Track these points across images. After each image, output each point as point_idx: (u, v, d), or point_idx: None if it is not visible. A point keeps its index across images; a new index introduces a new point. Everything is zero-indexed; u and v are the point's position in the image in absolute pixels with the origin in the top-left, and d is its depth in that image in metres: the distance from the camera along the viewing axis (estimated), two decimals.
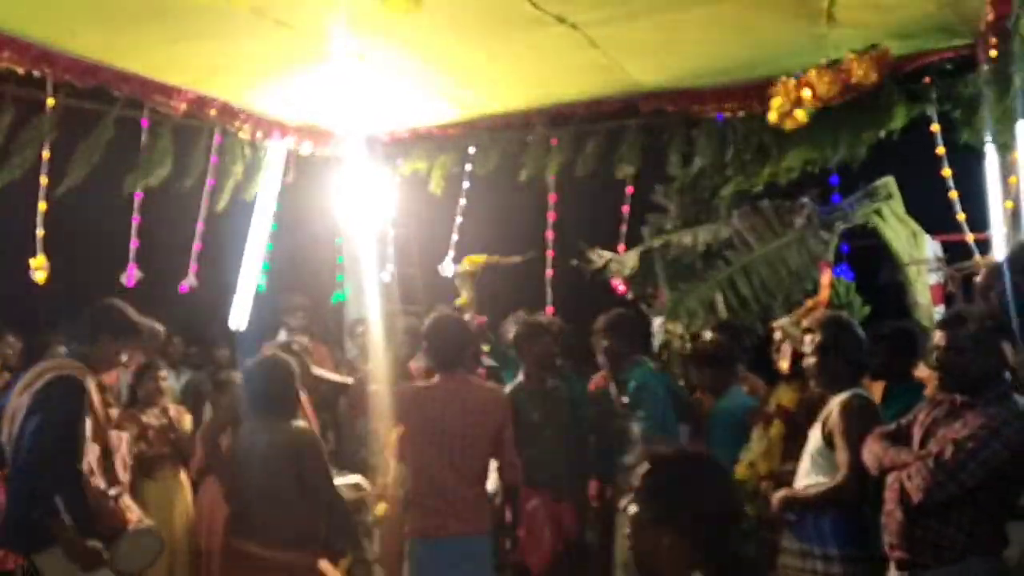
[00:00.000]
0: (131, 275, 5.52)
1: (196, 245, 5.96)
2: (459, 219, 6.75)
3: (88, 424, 3.60)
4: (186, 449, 5.17)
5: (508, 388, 4.87)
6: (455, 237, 6.75)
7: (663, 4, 4.21)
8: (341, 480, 4.32)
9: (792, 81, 4.93)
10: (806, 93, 4.87)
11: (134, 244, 5.56)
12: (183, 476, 5.21)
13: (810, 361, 3.67)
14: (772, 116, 5.12)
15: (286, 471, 3.83)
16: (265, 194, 6.41)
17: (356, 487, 4.31)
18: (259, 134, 6.03)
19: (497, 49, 4.81)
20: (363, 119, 6.15)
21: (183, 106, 5.43)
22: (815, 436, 3.61)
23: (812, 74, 4.85)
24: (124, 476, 4.83)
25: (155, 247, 5.72)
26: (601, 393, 5.17)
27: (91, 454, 3.63)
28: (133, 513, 3.78)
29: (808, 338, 3.70)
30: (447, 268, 6.69)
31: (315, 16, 4.23)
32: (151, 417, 5.17)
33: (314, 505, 3.86)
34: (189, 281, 5.93)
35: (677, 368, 5.50)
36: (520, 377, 4.92)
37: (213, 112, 5.65)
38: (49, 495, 3.43)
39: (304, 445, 3.91)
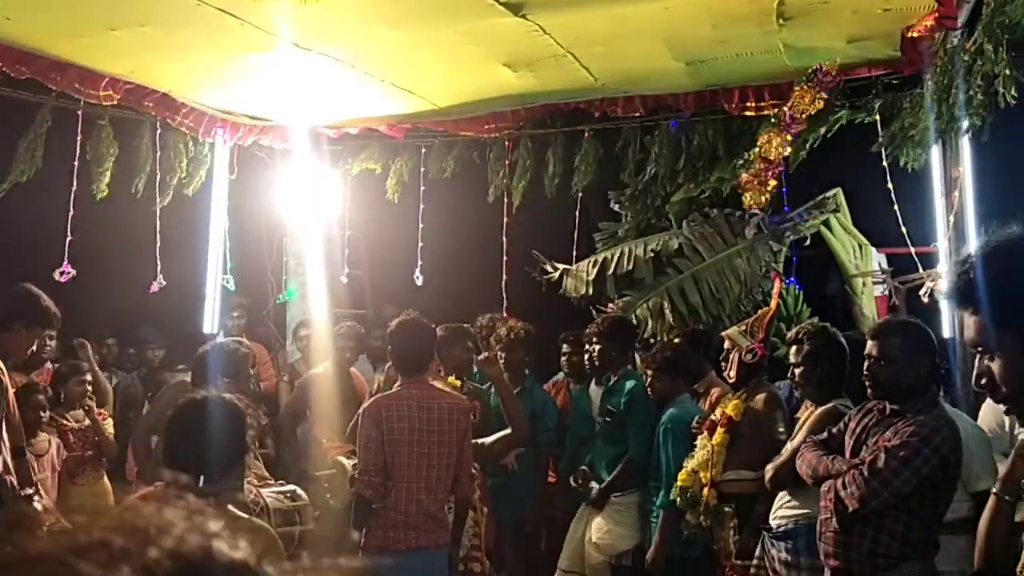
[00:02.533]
0: (65, 272, 5.32)
1: (158, 245, 5.80)
2: (421, 225, 6.65)
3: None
4: (110, 453, 4.99)
5: None
6: (420, 244, 6.65)
7: None
8: (276, 490, 4.16)
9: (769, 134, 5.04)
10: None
11: (69, 239, 5.36)
12: (106, 480, 5.02)
13: (796, 371, 3.69)
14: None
15: None
16: (216, 190, 6.25)
17: (290, 496, 4.16)
18: (201, 128, 5.85)
19: (445, 39, 4.73)
20: (308, 113, 6.02)
21: (118, 96, 5.24)
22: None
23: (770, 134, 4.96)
24: (53, 480, 4.65)
25: (92, 243, 5.53)
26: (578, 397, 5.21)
27: (3, 452, 3.46)
28: (48, 514, 3.60)
29: (794, 348, 3.71)
30: (419, 279, 6.60)
31: (258, 4, 4.11)
32: (73, 420, 4.98)
33: None
34: (158, 281, 5.77)
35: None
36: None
37: (150, 104, 5.47)
38: None
39: None
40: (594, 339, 4.96)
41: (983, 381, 1.29)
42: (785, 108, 4.97)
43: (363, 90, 5.58)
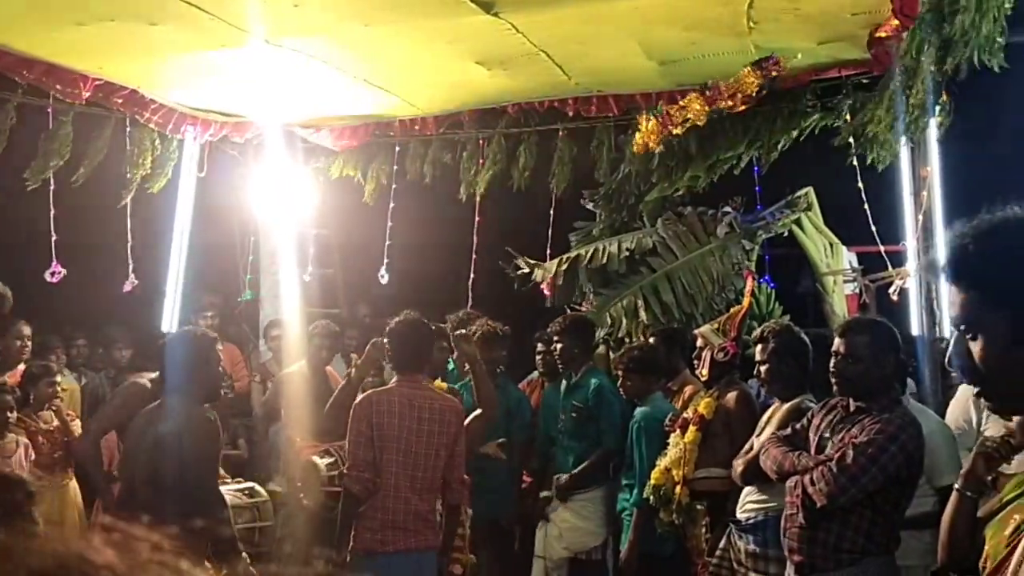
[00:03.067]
0: (56, 272, 5.27)
1: (128, 242, 5.73)
2: (390, 223, 6.62)
3: None
4: (80, 456, 4.91)
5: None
6: (388, 242, 6.61)
7: None
8: (234, 487, 4.12)
9: (656, 112, 5.05)
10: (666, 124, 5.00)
11: (54, 239, 5.29)
12: (75, 482, 4.95)
13: (762, 368, 3.73)
14: (635, 147, 5.28)
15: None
16: (184, 188, 6.18)
17: (248, 493, 4.12)
18: (170, 124, 5.78)
19: (417, 36, 4.71)
20: (279, 110, 5.96)
21: (87, 93, 5.17)
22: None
23: (687, 100, 4.96)
24: None
25: (58, 242, 5.44)
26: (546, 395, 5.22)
27: None
28: None
29: (760, 347, 3.74)
30: (384, 276, 6.56)
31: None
32: (42, 421, 4.90)
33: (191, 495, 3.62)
34: (131, 280, 5.70)
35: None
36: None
37: (119, 100, 5.40)
38: None
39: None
40: (555, 337, 5.00)
41: (957, 361, 1.26)
42: (722, 82, 4.97)
43: (336, 87, 5.54)
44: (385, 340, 4.11)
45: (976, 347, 1.23)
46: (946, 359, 1.31)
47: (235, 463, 5.42)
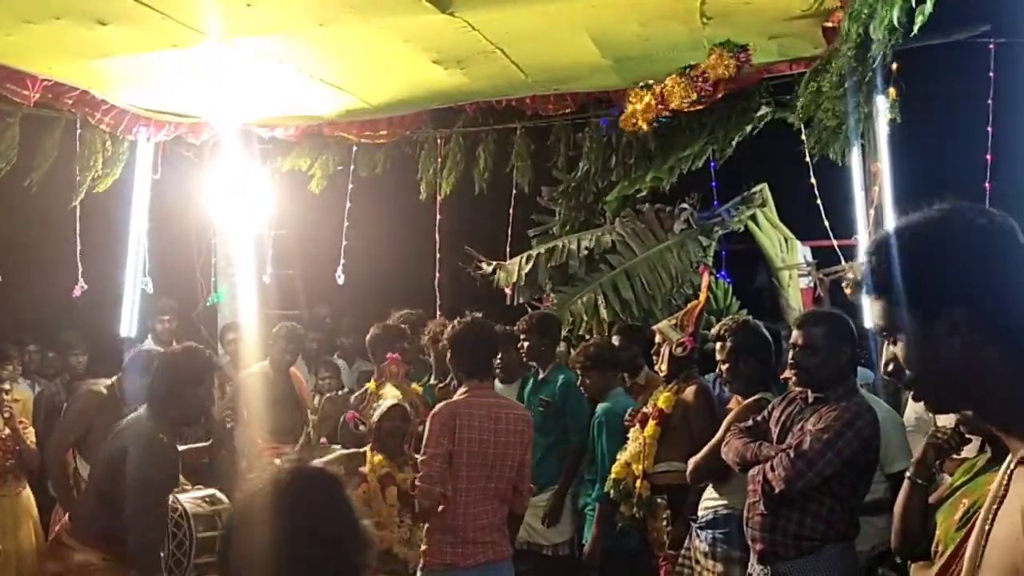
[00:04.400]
0: None
1: (77, 246, 5.61)
2: (346, 223, 6.57)
3: None
4: (30, 463, 4.80)
5: (359, 392, 4.79)
6: (344, 242, 6.56)
7: None
8: (194, 495, 4.03)
9: (643, 92, 5.05)
10: (652, 102, 5.00)
11: None
12: (28, 492, 4.84)
13: (722, 367, 3.75)
14: (624, 123, 5.21)
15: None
16: (137, 190, 6.07)
17: (209, 500, 4.03)
18: (122, 126, 5.67)
19: (372, 34, 4.69)
20: (235, 110, 5.89)
21: (36, 94, 5.05)
22: None
23: (668, 83, 4.97)
24: None
25: (6, 246, 5.32)
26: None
27: None
28: None
29: (719, 345, 3.77)
30: (340, 276, 6.50)
31: None
32: None
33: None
34: (80, 285, 5.58)
35: None
36: (372, 379, 4.86)
37: (70, 101, 5.29)
38: None
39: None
40: (522, 335, 5.00)
41: (890, 367, 1.32)
42: (701, 65, 4.98)
43: (292, 87, 5.49)
44: (446, 346, 3.89)
45: (899, 350, 1.30)
46: (881, 368, 1.37)
47: (196, 469, 5.34)
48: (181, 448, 3.92)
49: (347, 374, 6.42)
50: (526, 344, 5.00)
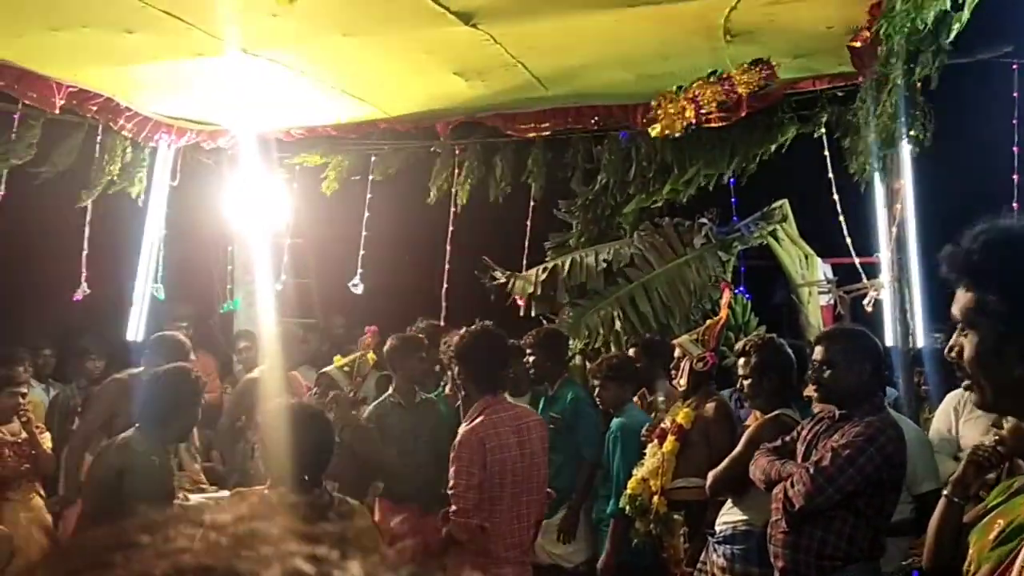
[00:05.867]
0: None
1: (84, 251, 5.61)
2: (364, 232, 6.57)
3: None
4: (45, 467, 4.80)
5: (375, 402, 4.76)
6: (362, 251, 6.56)
7: (564, 5, 4.20)
8: (209, 496, 4.04)
9: (676, 96, 5.00)
10: (689, 108, 4.94)
11: None
12: (39, 497, 4.83)
13: (744, 383, 3.74)
14: (655, 131, 5.18)
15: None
16: (154, 196, 6.09)
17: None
18: (144, 132, 5.70)
19: (395, 46, 4.70)
20: (256, 117, 5.91)
21: (61, 101, 5.08)
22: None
23: (696, 87, 4.93)
24: None
25: (26, 250, 5.34)
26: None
27: None
28: None
29: (742, 360, 3.75)
30: (357, 286, 6.49)
31: (204, 7, 4.02)
32: (8, 433, 4.78)
33: None
34: (82, 289, 5.58)
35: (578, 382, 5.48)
36: (389, 391, 4.82)
37: (94, 107, 5.32)
38: None
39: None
40: (528, 350, 4.97)
41: (954, 353, 1.37)
42: (728, 73, 4.93)
43: (313, 96, 5.51)
44: (453, 358, 3.76)
45: (968, 342, 1.35)
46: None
47: (210, 473, 5.34)
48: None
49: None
50: (531, 359, 4.96)
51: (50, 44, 4.60)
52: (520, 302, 6.04)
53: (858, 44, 4.26)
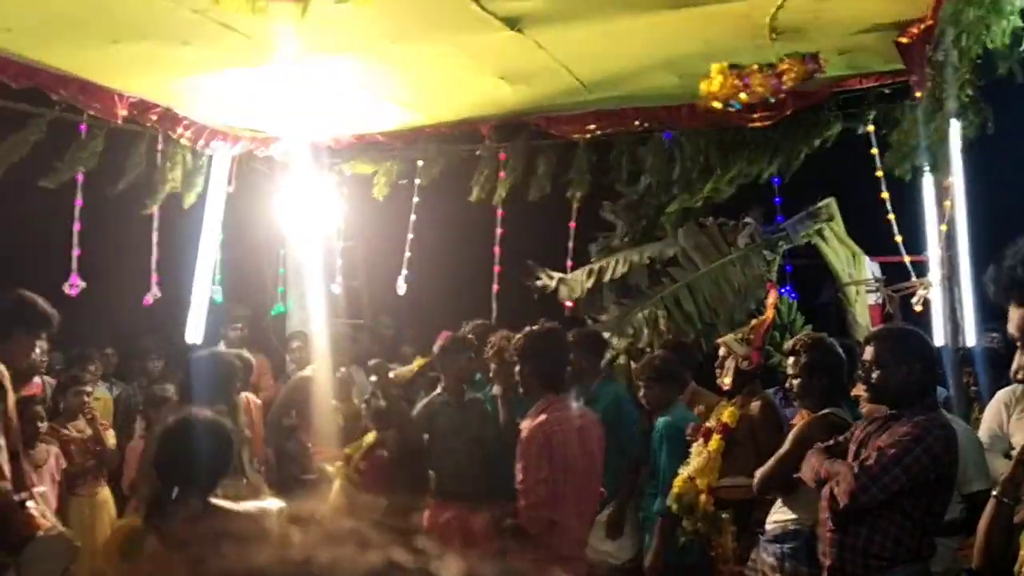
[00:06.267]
0: (74, 284, 5.34)
1: (154, 256, 5.84)
2: (410, 235, 6.69)
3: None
4: (110, 463, 5.00)
5: (424, 401, 4.85)
6: (408, 254, 6.68)
7: (609, 10, 4.25)
8: (259, 504, 4.19)
9: (730, 71, 4.94)
10: (730, 79, 4.90)
11: (76, 253, 5.39)
12: (107, 491, 5.03)
13: (794, 382, 3.73)
14: (702, 98, 5.12)
15: None
16: (212, 202, 6.29)
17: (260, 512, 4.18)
18: (201, 140, 5.89)
19: (442, 53, 4.79)
20: (307, 124, 6.07)
21: (124, 111, 5.28)
22: None
23: (748, 69, 4.88)
24: (53, 490, 4.66)
25: (91, 255, 5.55)
26: None
27: (1, 457, 3.46)
28: (43, 519, 3.61)
29: (792, 360, 3.75)
30: (401, 287, 6.61)
31: (258, 18, 4.15)
32: (74, 431, 4.99)
33: None
34: (152, 292, 5.78)
35: (623, 384, 5.51)
36: (438, 389, 4.90)
37: (154, 117, 5.51)
38: None
39: None
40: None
41: (1020, 375, 1.37)
42: (786, 60, 4.86)
43: (362, 104, 5.64)
44: (515, 357, 3.79)
45: None
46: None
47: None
48: None
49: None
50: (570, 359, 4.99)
51: (112, 57, 4.78)
52: (567, 303, 6.09)
53: (907, 41, 4.22)
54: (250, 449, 5.17)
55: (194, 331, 6.21)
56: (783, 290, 5.91)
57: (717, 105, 4.95)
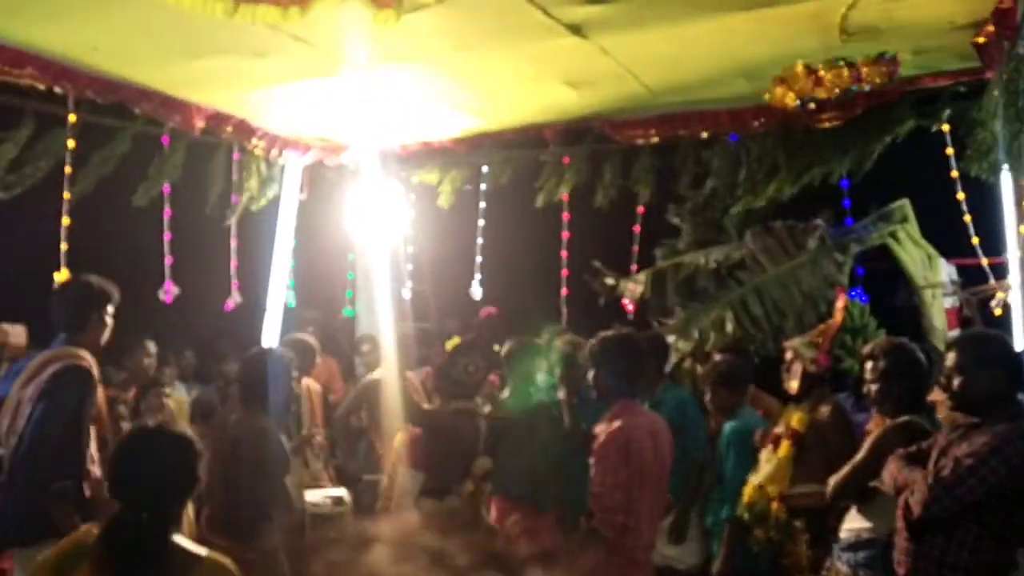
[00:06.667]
0: (168, 291, 5.59)
1: (233, 262, 6.02)
2: (480, 240, 6.78)
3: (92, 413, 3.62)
4: None
5: (491, 403, 4.90)
6: (479, 259, 6.78)
7: (676, 14, 4.24)
8: (324, 492, 4.34)
9: (802, 68, 4.86)
10: (805, 76, 4.81)
11: (168, 261, 5.63)
12: None
13: (872, 387, 3.67)
14: (769, 97, 5.05)
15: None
16: (285, 210, 6.48)
17: (337, 502, 4.31)
18: (274, 150, 6.09)
19: (508, 60, 4.85)
20: (376, 133, 6.21)
21: (201, 123, 5.49)
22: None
23: (821, 67, 4.80)
24: None
25: (172, 262, 5.78)
26: None
27: (91, 445, 3.64)
28: None
29: (870, 364, 3.69)
30: (476, 292, 6.71)
31: (330, 31, 4.27)
32: None
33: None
34: (233, 298, 5.98)
35: (687, 387, 5.48)
36: (505, 392, 4.95)
37: (230, 129, 5.72)
38: (52, 483, 3.42)
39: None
40: None
41: None
42: (858, 61, 4.75)
43: (428, 111, 5.73)
44: (591, 361, 3.83)
45: None
46: None
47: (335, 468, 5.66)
48: None
49: None
50: None
51: (190, 71, 4.97)
52: (630, 306, 6.08)
53: (983, 40, 4.11)
54: (312, 440, 5.33)
55: (270, 335, 6.41)
56: (853, 293, 5.78)
57: (791, 102, 4.89)
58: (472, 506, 4.48)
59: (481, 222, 6.75)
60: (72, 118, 5.02)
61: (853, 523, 3.66)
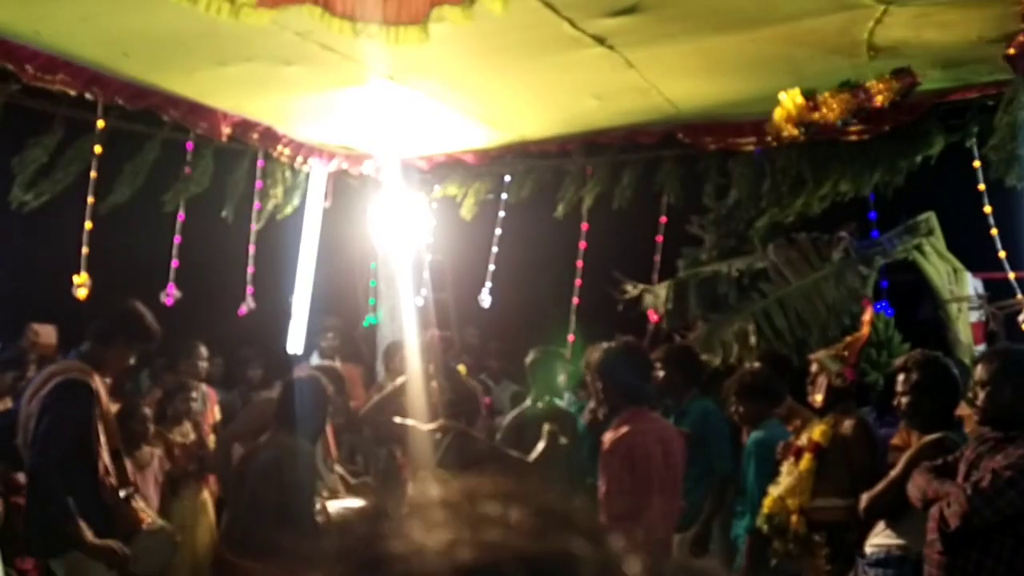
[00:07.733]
0: (170, 294, 5.62)
1: (250, 268, 6.08)
2: (495, 249, 6.79)
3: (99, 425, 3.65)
4: (212, 467, 5.22)
5: (512, 413, 4.89)
6: (491, 267, 6.79)
7: (702, 27, 4.23)
8: (346, 503, 4.33)
9: (799, 97, 4.84)
10: (804, 103, 4.79)
11: (174, 264, 5.67)
12: (207, 494, 5.25)
13: (903, 400, 3.63)
14: (771, 126, 5.03)
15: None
16: (309, 217, 6.53)
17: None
18: (299, 158, 6.14)
19: (533, 72, 4.86)
20: (399, 143, 6.24)
21: (228, 130, 5.54)
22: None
23: (826, 94, 4.77)
24: (154, 493, 4.91)
25: (197, 267, 5.83)
26: None
27: (103, 455, 3.67)
28: (146, 514, 3.82)
29: (902, 377, 3.65)
30: (485, 300, 6.71)
31: (356, 39, 4.30)
32: (179, 435, 5.23)
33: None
34: (247, 303, 6.03)
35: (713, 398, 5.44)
36: (527, 402, 4.94)
37: (256, 136, 5.77)
38: (62, 497, 3.46)
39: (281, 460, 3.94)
40: (657, 364, 4.97)
41: None
42: (866, 83, 4.73)
43: (452, 123, 5.75)
44: (595, 374, 3.88)
45: None
46: None
47: (354, 474, 5.65)
48: None
49: (495, 391, 6.65)
50: (661, 375, 4.94)
51: (218, 78, 5.01)
52: (652, 317, 6.06)
53: (1013, 52, 4.07)
54: (324, 449, 5.33)
55: (295, 341, 6.44)
56: (878, 306, 5.73)
57: (793, 131, 4.88)
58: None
59: (498, 231, 6.76)
60: (100, 124, 5.07)
61: (881, 538, 3.61)
